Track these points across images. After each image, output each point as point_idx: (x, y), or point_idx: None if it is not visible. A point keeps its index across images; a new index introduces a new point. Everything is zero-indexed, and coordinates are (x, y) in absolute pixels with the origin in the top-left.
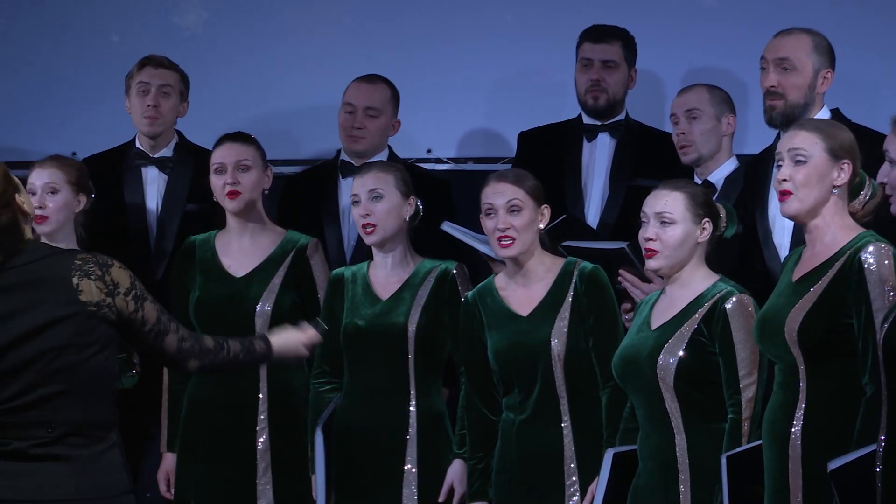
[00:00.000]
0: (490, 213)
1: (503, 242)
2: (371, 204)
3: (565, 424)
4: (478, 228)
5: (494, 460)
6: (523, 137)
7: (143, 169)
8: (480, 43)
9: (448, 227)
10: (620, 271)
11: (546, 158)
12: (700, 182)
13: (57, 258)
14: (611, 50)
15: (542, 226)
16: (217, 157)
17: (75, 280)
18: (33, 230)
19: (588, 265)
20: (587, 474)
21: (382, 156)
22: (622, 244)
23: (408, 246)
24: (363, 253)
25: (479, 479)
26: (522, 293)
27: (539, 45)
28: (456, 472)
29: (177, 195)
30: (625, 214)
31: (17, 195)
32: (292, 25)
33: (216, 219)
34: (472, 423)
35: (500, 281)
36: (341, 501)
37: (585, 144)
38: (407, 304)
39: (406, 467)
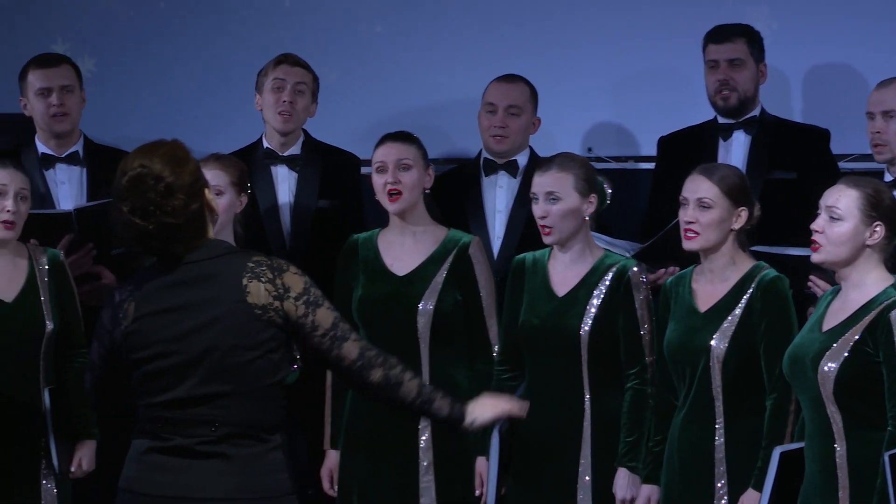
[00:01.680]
0: (683, 205)
1: (687, 235)
2: (548, 205)
3: (719, 426)
4: (632, 227)
5: (665, 451)
6: (662, 143)
7: (272, 168)
8: (628, 41)
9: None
10: (811, 277)
11: (685, 161)
12: (892, 178)
13: (232, 257)
14: (735, 48)
15: (735, 227)
16: (378, 155)
17: (244, 281)
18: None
19: (770, 273)
20: (736, 479)
21: (524, 155)
22: None
23: (588, 239)
24: (511, 250)
25: (652, 462)
26: (708, 290)
27: (685, 42)
28: (618, 482)
29: (309, 193)
30: (763, 209)
31: (206, 190)
32: (437, 24)
33: (351, 215)
34: (657, 407)
35: (696, 272)
36: (515, 496)
37: (721, 143)
38: (582, 304)
39: (580, 469)
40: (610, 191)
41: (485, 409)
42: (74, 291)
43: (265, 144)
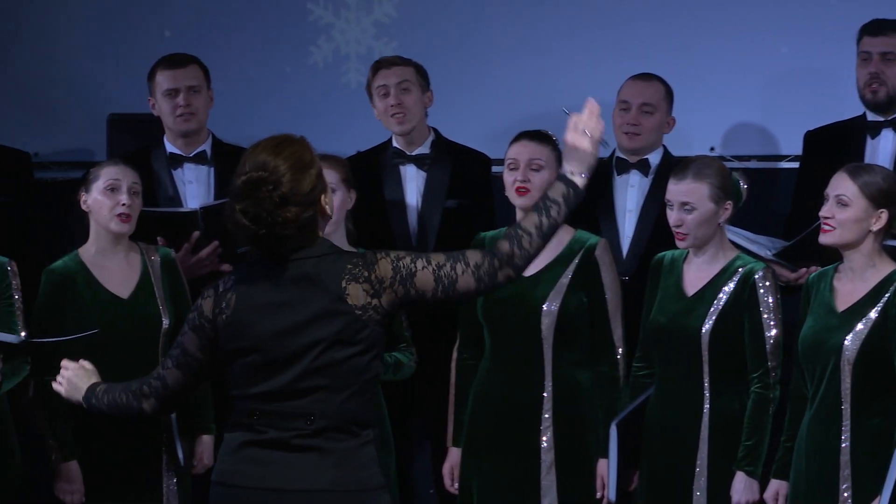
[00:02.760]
0: (826, 200)
1: (823, 228)
2: (682, 214)
3: (845, 428)
4: (764, 225)
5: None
6: (809, 137)
7: (401, 167)
8: (756, 39)
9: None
10: None
11: (831, 157)
12: None
13: (334, 258)
14: (890, 42)
15: (874, 228)
16: (512, 152)
17: (344, 283)
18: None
19: None
20: (861, 484)
21: (657, 154)
22: None
23: (722, 241)
24: (640, 249)
25: (784, 455)
26: (848, 289)
27: (818, 41)
28: (735, 486)
29: (436, 192)
30: None
31: (323, 196)
32: (570, 24)
33: (481, 215)
34: (793, 404)
35: (839, 269)
36: (641, 492)
37: (868, 141)
38: (706, 305)
39: (696, 470)
40: (746, 186)
41: (580, 162)
42: (186, 288)
43: (394, 144)
